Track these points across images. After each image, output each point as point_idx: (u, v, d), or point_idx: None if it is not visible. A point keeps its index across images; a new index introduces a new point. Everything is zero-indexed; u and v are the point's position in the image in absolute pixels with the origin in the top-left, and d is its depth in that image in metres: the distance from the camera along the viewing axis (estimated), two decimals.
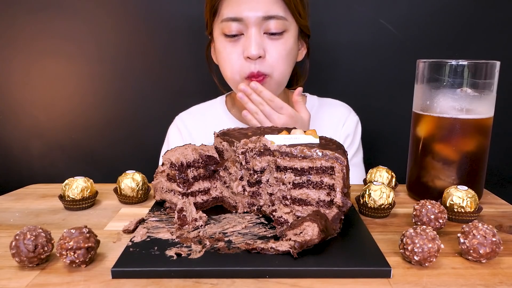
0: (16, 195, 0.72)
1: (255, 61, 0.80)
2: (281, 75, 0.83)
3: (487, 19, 1.06)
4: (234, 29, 0.80)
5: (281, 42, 0.81)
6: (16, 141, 1.16)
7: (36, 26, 1.09)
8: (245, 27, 0.80)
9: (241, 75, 0.82)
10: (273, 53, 0.81)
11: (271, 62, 0.81)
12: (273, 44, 0.81)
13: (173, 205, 0.60)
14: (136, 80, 1.13)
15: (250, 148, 0.56)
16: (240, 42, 0.81)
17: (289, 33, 0.82)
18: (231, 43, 0.82)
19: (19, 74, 1.12)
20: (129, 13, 1.09)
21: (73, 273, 0.44)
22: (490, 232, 0.46)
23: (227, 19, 0.80)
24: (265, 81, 0.82)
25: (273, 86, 0.84)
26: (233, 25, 0.80)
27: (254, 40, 0.79)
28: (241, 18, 0.79)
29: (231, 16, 0.79)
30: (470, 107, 0.63)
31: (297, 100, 0.81)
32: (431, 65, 0.64)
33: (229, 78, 0.86)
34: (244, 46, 0.80)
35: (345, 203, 0.51)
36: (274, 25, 0.79)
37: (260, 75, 0.81)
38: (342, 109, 0.98)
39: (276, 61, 0.81)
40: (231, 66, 0.83)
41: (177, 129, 0.98)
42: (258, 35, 0.79)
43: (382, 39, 1.08)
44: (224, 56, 0.83)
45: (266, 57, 0.81)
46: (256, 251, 0.46)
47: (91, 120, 1.15)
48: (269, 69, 0.81)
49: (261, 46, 0.80)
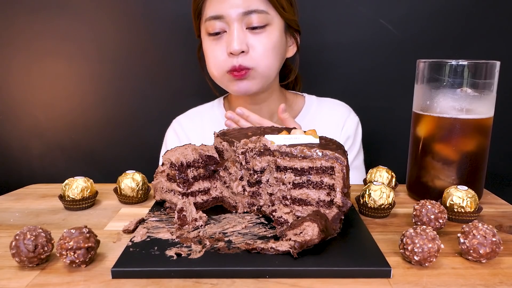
0: (16, 195, 0.72)
1: (238, 56, 0.81)
2: (267, 68, 0.84)
3: (487, 19, 1.06)
4: (217, 27, 0.81)
5: (264, 36, 0.82)
6: (16, 141, 1.16)
7: (36, 26, 1.09)
8: (227, 24, 0.81)
9: (224, 70, 0.83)
10: (257, 47, 0.82)
11: (255, 56, 0.82)
12: (256, 38, 0.82)
13: (173, 205, 0.60)
14: (136, 80, 1.13)
15: (250, 148, 0.56)
16: (223, 39, 0.82)
17: (272, 27, 0.83)
18: (215, 41, 0.83)
19: (19, 74, 1.12)
20: (129, 13, 1.09)
21: (73, 273, 0.44)
22: (490, 232, 0.46)
23: (209, 18, 0.82)
24: (249, 74, 0.83)
25: (258, 79, 0.84)
26: (216, 23, 0.81)
27: (236, 36, 0.80)
28: (222, 16, 0.80)
29: (213, 15, 0.81)
30: (470, 107, 0.63)
31: (284, 118, 0.80)
32: (431, 65, 0.64)
33: (215, 76, 0.87)
34: (227, 42, 0.81)
35: (345, 203, 0.51)
36: (255, 19, 0.80)
37: (242, 68, 0.81)
38: (341, 109, 0.97)
39: (260, 55, 0.82)
40: (215, 62, 0.84)
41: (174, 133, 0.98)
42: (240, 30, 0.81)
43: (382, 39, 1.08)
44: (209, 54, 0.85)
45: (249, 52, 0.81)
46: (256, 251, 0.46)
47: (91, 120, 1.15)
48: (253, 62, 0.82)
49: (244, 41, 0.80)
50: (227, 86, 0.87)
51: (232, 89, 0.86)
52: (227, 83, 0.86)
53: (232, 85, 0.85)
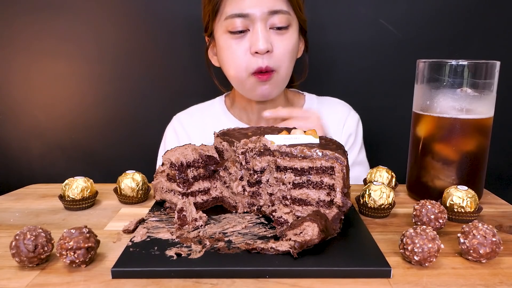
0: (16, 195, 0.72)
1: (263, 56, 0.79)
2: (287, 70, 0.83)
3: (487, 19, 1.06)
4: (240, 25, 0.79)
5: (286, 37, 0.81)
6: (16, 141, 1.16)
7: (36, 26, 1.09)
8: (250, 22, 0.79)
9: (248, 71, 0.81)
10: (280, 48, 0.80)
11: (278, 57, 0.80)
12: (279, 39, 0.80)
13: (173, 205, 0.60)
14: (136, 80, 1.13)
15: (250, 148, 0.56)
16: (246, 38, 0.80)
17: (293, 28, 0.82)
18: (236, 39, 0.81)
19: (19, 74, 1.12)
20: (129, 13, 1.09)
21: (73, 273, 0.44)
22: (490, 232, 0.46)
23: (231, 16, 0.79)
24: (272, 76, 0.81)
25: (279, 82, 0.84)
26: (238, 21, 0.79)
27: (262, 35, 0.78)
28: (247, 14, 0.78)
29: (236, 13, 0.78)
30: (470, 107, 0.63)
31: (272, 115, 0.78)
32: (431, 65, 0.64)
33: (234, 77, 0.84)
34: (251, 41, 0.79)
35: (345, 203, 0.51)
36: (279, 19, 0.79)
37: (268, 70, 0.80)
38: (342, 107, 0.97)
39: (282, 55, 0.81)
40: (236, 63, 0.82)
41: (173, 130, 0.98)
42: (264, 29, 0.79)
43: (382, 39, 1.08)
44: (229, 54, 0.82)
45: (273, 52, 0.80)
46: (256, 251, 0.46)
47: (91, 120, 1.15)
48: (276, 63, 0.81)
49: (269, 40, 0.79)
50: (249, 89, 0.84)
51: (254, 93, 0.84)
52: (249, 86, 0.83)
53: (254, 88, 0.83)
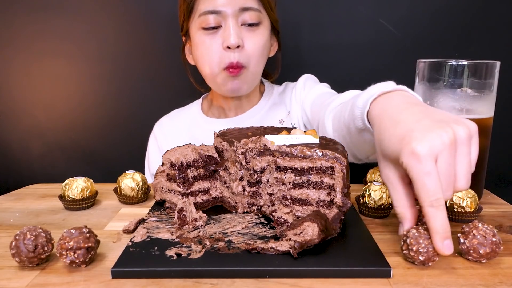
0: (16, 195, 0.72)
1: (234, 51, 0.81)
2: (256, 66, 0.85)
3: (487, 19, 1.06)
4: (213, 22, 0.82)
5: (257, 33, 0.84)
6: (16, 141, 1.16)
7: (36, 26, 1.09)
8: (223, 19, 0.82)
9: (220, 66, 0.83)
10: (251, 44, 0.83)
11: (248, 52, 0.83)
12: (250, 35, 0.83)
13: (173, 205, 0.60)
14: (136, 80, 1.13)
15: (250, 148, 0.56)
16: (218, 34, 0.83)
17: (264, 26, 0.85)
18: (209, 35, 0.83)
19: (19, 74, 1.12)
20: (129, 13, 1.09)
21: (73, 273, 0.44)
22: (490, 232, 0.46)
23: (205, 13, 0.82)
24: (242, 72, 0.84)
25: (249, 78, 0.86)
26: (211, 18, 0.81)
27: (233, 30, 0.81)
28: (219, 11, 0.81)
29: (209, 9, 0.81)
30: (470, 107, 0.63)
31: None
32: (431, 65, 0.64)
33: (208, 73, 0.86)
34: (223, 37, 0.82)
35: (345, 203, 0.51)
36: (250, 16, 0.82)
37: (238, 65, 0.82)
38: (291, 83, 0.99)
39: (253, 51, 0.83)
40: (210, 58, 0.84)
41: (153, 135, 1.01)
42: (236, 25, 0.82)
43: (382, 39, 1.08)
44: (203, 49, 0.84)
45: (244, 47, 0.82)
46: (256, 251, 0.46)
47: (91, 120, 1.15)
48: (247, 59, 0.83)
49: (240, 36, 0.81)
50: (220, 85, 0.86)
51: (225, 88, 0.86)
52: (220, 80, 0.85)
53: (225, 83, 0.85)
